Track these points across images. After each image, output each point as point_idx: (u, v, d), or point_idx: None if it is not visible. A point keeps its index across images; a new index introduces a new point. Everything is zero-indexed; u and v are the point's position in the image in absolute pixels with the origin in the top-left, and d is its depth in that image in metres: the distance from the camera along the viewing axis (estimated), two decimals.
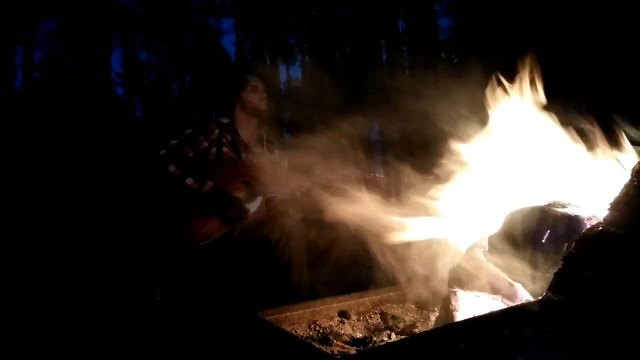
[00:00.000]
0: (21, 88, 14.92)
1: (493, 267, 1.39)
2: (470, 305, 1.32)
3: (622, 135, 1.44)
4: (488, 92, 1.62)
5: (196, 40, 19.72)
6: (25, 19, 15.38)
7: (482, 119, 1.64)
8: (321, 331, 1.47)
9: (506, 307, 1.24)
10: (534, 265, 1.33)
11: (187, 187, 2.18)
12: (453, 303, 1.33)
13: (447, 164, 1.65)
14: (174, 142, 2.27)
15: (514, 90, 1.59)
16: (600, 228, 1.19)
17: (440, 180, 1.64)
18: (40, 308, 2.10)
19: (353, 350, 1.26)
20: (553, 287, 1.19)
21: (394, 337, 1.39)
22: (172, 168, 2.18)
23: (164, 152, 2.23)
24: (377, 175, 2.38)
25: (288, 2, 17.23)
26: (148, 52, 20.19)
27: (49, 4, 16.39)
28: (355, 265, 2.45)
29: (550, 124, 1.55)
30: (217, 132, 2.35)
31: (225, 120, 2.43)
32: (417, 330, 1.44)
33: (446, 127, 1.68)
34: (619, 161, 1.41)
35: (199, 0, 19.85)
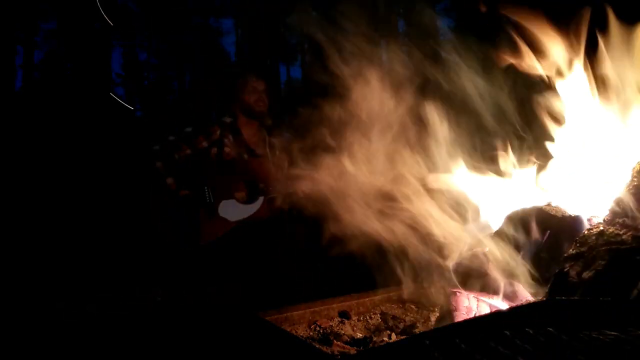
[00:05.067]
0: (21, 88, 14.92)
1: (493, 267, 1.40)
2: (470, 305, 1.32)
3: None
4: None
5: (196, 40, 19.73)
6: (25, 19, 15.38)
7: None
8: (321, 331, 1.47)
9: (506, 307, 1.24)
10: (534, 265, 1.34)
11: (168, 185, 2.19)
12: (453, 303, 1.33)
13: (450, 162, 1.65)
14: (171, 137, 2.28)
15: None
16: (601, 228, 1.19)
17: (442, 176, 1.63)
18: (39, 308, 2.10)
19: (353, 350, 1.26)
20: (553, 287, 1.19)
21: (394, 337, 1.39)
22: (170, 180, 2.20)
23: (157, 147, 2.23)
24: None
25: (288, 2, 17.21)
26: (148, 52, 20.22)
27: (49, 4, 16.39)
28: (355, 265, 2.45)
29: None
30: (218, 132, 2.35)
31: (228, 120, 2.44)
32: (417, 330, 1.43)
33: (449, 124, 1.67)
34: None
35: (199, 0, 19.85)
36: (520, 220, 1.42)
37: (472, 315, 1.27)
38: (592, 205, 1.38)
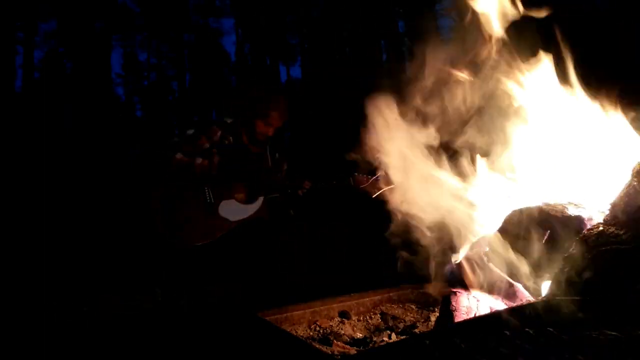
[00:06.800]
0: (21, 88, 14.93)
1: (493, 267, 1.40)
2: (470, 305, 1.32)
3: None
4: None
5: (196, 40, 19.74)
6: (25, 19, 15.38)
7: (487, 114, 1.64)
8: (321, 331, 1.47)
9: (506, 307, 1.24)
10: (534, 265, 1.34)
11: (197, 167, 2.18)
12: (453, 303, 1.33)
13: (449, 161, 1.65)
14: (175, 139, 2.28)
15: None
16: (600, 228, 1.19)
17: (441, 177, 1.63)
18: (39, 308, 2.10)
19: (353, 350, 1.26)
20: (553, 287, 1.19)
21: (394, 337, 1.39)
22: (179, 155, 2.19)
23: (166, 147, 2.23)
24: (374, 177, 2.38)
25: (288, 2, 17.24)
26: (148, 52, 20.22)
27: (49, 4, 16.39)
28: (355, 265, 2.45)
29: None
30: (219, 133, 2.34)
31: (229, 120, 2.42)
32: (417, 330, 1.44)
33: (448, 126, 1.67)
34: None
35: (199, 0, 19.86)
36: (520, 220, 1.42)
37: (472, 315, 1.27)
38: (592, 205, 1.38)
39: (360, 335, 1.44)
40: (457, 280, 1.44)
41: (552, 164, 1.57)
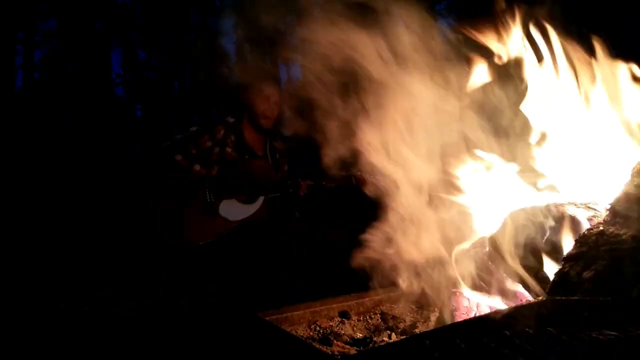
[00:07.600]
0: (21, 88, 14.90)
1: (493, 267, 1.40)
2: (470, 305, 1.32)
3: None
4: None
5: (196, 40, 19.71)
6: (25, 19, 15.36)
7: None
8: (321, 331, 1.47)
9: (506, 307, 1.24)
10: (534, 265, 1.34)
11: (195, 173, 2.19)
12: (453, 303, 1.33)
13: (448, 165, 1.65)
14: (179, 136, 2.28)
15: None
16: (601, 228, 1.19)
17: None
18: (39, 308, 2.10)
19: (353, 350, 1.26)
20: (553, 287, 1.19)
21: (394, 337, 1.39)
22: (179, 157, 2.20)
23: (167, 143, 2.24)
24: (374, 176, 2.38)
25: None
26: (148, 52, 20.18)
27: (49, 4, 16.39)
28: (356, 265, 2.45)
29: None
30: (222, 132, 2.35)
31: (231, 120, 2.43)
32: (417, 330, 1.44)
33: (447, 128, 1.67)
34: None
35: (199, 0, 19.84)
36: (520, 220, 1.42)
37: (472, 315, 1.27)
38: (592, 204, 1.38)
39: (360, 335, 1.44)
40: (458, 280, 1.44)
41: (552, 163, 1.57)
